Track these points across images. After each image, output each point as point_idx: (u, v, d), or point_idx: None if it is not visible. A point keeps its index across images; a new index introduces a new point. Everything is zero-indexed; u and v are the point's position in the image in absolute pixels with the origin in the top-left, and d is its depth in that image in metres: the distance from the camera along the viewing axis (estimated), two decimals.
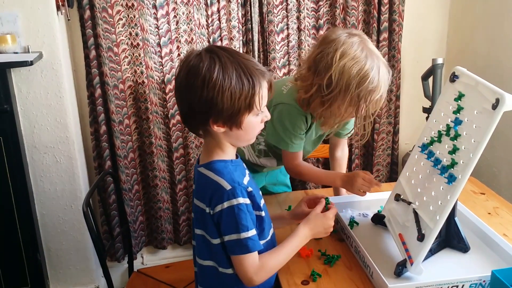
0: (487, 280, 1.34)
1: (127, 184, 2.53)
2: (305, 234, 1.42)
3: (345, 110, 1.59)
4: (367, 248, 1.46)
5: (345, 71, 1.52)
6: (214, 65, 1.23)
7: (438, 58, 2.30)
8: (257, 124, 1.33)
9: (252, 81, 1.24)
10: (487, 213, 1.79)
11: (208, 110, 1.24)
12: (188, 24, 2.41)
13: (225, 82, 1.22)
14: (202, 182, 1.34)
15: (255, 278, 1.31)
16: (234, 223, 1.26)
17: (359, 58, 1.52)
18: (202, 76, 1.22)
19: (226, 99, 1.22)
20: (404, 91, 2.76)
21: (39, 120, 2.30)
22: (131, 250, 2.19)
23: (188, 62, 1.27)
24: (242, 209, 1.26)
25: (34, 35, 2.19)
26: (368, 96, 1.55)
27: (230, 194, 1.26)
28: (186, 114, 1.31)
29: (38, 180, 2.38)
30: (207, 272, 1.39)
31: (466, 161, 1.32)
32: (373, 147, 2.73)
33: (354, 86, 1.52)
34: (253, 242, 1.28)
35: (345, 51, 1.52)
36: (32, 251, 2.36)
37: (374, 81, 1.54)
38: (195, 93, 1.24)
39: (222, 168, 1.31)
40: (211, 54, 1.25)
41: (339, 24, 2.52)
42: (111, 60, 2.37)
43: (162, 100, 2.48)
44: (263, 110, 1.32)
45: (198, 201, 1.34)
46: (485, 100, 1.32)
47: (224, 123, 1.27)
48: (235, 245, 1.28)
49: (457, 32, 2.70)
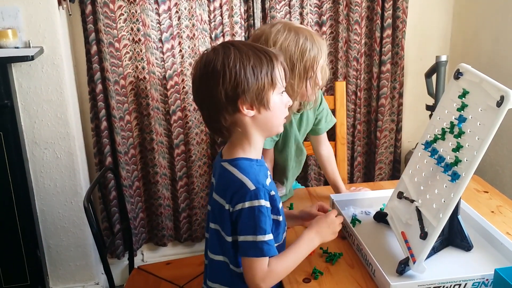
0: (490, 278, 1.32)
1: (128, 180, 2.52)
2: (311, 237, 1.40)
3: (297, 86, 1.62)
4: (369, 246, 1.45)
5: (284, 52, 1.57)
6: (229, 50, 1.25)
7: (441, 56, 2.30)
8: (282, 106, 1.33)
9: (269, 56, 1.27)
10: (490, 211, 1.78)
11: (235, 91, 1.24)
12: (190, 19, 2.39)
13: (244, 60, 1.24)
14: (224, 177, 1.32)
15: (262, 284, 1.29)
16: (253, 225, 1.25)
17: (291, 37, 1.59)
18: (221, 62, 1.24)
19: (249, 74, 1.24)
20: (407, 89, 2.75)
21: (39, 116, 2.29)
22: (132, 247, 2.18)
23: (202, 60, 1.28)
24: (263, 211, 1.25)
25: (35, 30, 2.18)
26: (314, 63, 1.61)
27: (253, 195, 1.25)
28: (213, 109, 1.29)
29: (38, 176, 2.37)
30: (218, 267, 1.38)
31: (470, 159, 1.31)
32: (375, 145, 2.72)
33: (298, 60, 1.59)
34: (269, 247, 1.26)
35: (275, 37, 1.59)
36: (32, 247, 2.35)
37: (314, 48, 1.60)
38: (218, 80, 1.24)
39: (248, 167, 1.29)
40: (224, 44, 1.29)
41: (342, 21, 2.51)
42: (112, 55, 2.35)
43: (163, 96, 2.47)
44: (284, 91, 1.34)
45: (217, 196, 1.33)
46: (489, 97, 1.30)
47: (252, 104, 1.27)
48: (250, 247, 1.26)
49: (461, 29, 2.69)
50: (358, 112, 2.68)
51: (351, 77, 2.61)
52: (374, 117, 2.69)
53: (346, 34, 2.55)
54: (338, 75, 2.60)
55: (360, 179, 2.81)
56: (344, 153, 2.22)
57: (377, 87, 2.64)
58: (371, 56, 2.61)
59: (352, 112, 2.68)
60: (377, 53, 2.58)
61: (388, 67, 2.60)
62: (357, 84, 2.64)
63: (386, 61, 2.59)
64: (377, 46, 2.57)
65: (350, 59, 2.58)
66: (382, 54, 2.58)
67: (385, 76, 2.61)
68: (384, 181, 2.46)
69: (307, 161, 2.68)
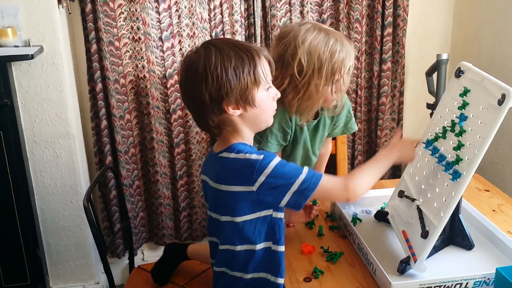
0: (491, 277, 1.32)
1: (128, 179, 2.52)
2: (388, 152, 1.42)
3: (322, 87, 1.60)
4: (370, 245, 1.44)
5: (313, 51, 1.56)
6: (210, 52, 1.26)
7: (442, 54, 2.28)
8: (268, 101, 1.33)
9: (250, 54, 1.27)
10: (492, 210, 1.77)
11: (218, 93, 1.25)
12: (190, 18, 2.39)
13: (226, 61, 1.24)
14: (228, 165, 1.31)
15: (349, 186, 1.29)
16: (283, 181, 1.25)
17: (320, 37, 1.58)
18: (203, 65, 1.25)
19: (231, 76, 1.24)
20: (408, 87, 2.74)
21: (39, 115, 2.28)
22: (132, 246, 2.18)
23: (185, 62, 1.30)
24: (278, 167, 1.25)
25: (35, 28, 2.17)
26: (342, 66, 1.59)
27: (264, 163, 1.25)
28: (199, 109, 1.30)
29: (38, 175, 2.37)
30: (241, 256, 1.37)
31: (471, 157, 1.30)
32: (376, 144, 2.71)
33: (327, 61, 1.57)
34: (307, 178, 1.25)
35: (305, 35, 1.58)
36: (32, 247, 2.35)
37: (343, 50, 1.58)
38: (201, 82, 1.25)
39: (245, 147, 1.31)
40: (205, 45, 1.29)
41: (343, 19, 2.51)
42: (112, 54, 2.35)
43: (163, 95, 2.46)
44: (271, 85, 1.33)
45: (226, 185, 1.31)
46: (491, 95, 1.30)
47: (237, 104, 1.27)
48: (301, 192, 1.25)
49: (462, 28, 2.68)
50: (358, 110, 2.68)
51: (352, 76, 2.60)
52: (375, 116, 2.69)
53: (346, 32, 2.54)
54: None
55: None
56: (345, 151, 2.21)
57: (377, 86, 2.63)
58: (371, 54, 2.60)
59: (352, 110, 2.67)
60: (377, 51, 2.57)
61: (388, 66, 2.59)
62: (358, 83, 2.63)
63: (387, 60, 2.58)
64: (377, 45, 2.56)
65: None
66: (383, 52, 2.57)
67: (386, 74, 2.60)
68: (384, 180, 2.45)
69: None
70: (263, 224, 1.33)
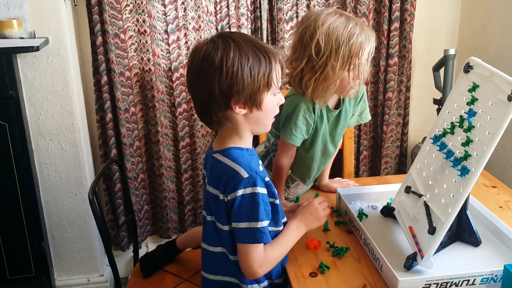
0: (499, 274, 1.31)
1: (133, 172, 2.51)
2: (296, 226, 1.42)
3: (339, 70, 1.58)
4: (377, 241, 1.43)
5: (332, 32, 1.55)
6: (229, 46, 1.23)
7: (450, 49, 2.28)
8: (274, 106, 1.33)
9: (268, 57, 1.26)
10: (499, 206, 1.76)
11: (229, 90, 1.24)
12: (196, 11, 2.38)
13: (243, 60, 1.23)
14: (217, 168, 1.33)
15: (259, 270, 1.31)
16: (248, 212, 1.26)
17: (341, 20, 1.58)
18: (220, 58, 1.22)
19: (246, 75, 1.23)
20: (415, 82, 2.72)
21: (44, 107, 2.28)
22: (136, 239, 2.18)
23: (200, 51, 1.27)
24: (257, 199, 1.26)
25: (40, 20, 2.16)
26: (360, 50, 1.57)
27: (247, 183, 1.25)
28: (205, 102, 1.29)
29: (43, 167, 2.37)
30: (216, 258, 1.39)
31: (480, 153, 1.29)
32: (382, 139, 2.70)
33: (344, 43, 1.55)
34: (263, 234, 1.28)
35: (325, 18, 1.57)
36: (37, 239, 2.35)
37: (362, 34, 1.57)
38: (214, 76, 1.23)
39: (239, 156, 1.30)
40: (224, 37, 1.26)
41: (350, 13, 2.48)
42: (118, 47, 2.34)
43: (168, 88, 2.45)
44: (279, 90, 1.33)
45: (211, 187, 1.34)
46: (500, 91, 1.28)
47: (245, 103, 1.27)
48: (245, 234, 1.27)
49: (469, 22, 2.66)
50: None
51: None
52: (381, 111, 2.67)
53: None
54: None
55: (366, 173, 2.80)
56: (351, 147, 2.20)
57: (384, 81, 2.62)
58: (378, 49, 2.59)
59: None
60: (384, 46, 2.55)
61: (395, 60, 2.58)
62: None
63: (394, 54, 2.56)
64: (384, 39, 2.54)
65: None
66: (390, 47, 2.55)
67: (393, 69, 2.58)
68: (390, 175, 2.45)
69: None
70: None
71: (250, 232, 1.27)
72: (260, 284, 1.40)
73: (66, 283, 2.56)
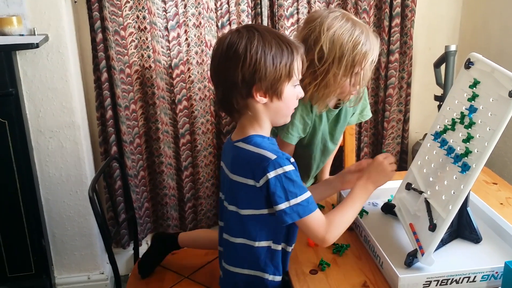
0: (499, 271, 1.31)
1: (133, 170, 2.51)
2: (363, 185, 1.42)
3: (340, 78, 1.57)
4: (377, 238, 1.43)
5: (336, 39, 1.54)
6: (253, 35, 1.28)
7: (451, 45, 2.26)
8: (293, 98, 1.36)
9: (290, 48, 1.30)
10: (500, 203, 1.76)
11: (252, 77, 1.27)
12: (196, 7, 2.37)
13: (266, 48, 1.27)
14: (241, 156, 1.34)
15: (327, 236, 1.32)
16: (283, 192, 1.26)
17: (347, 26, 1.55)
18: (244, 46, 1.27)
19: (269, 63, 1.27)
20: (416, 79, 2.71)
21: (44, 104, 2.27)
22: (137, 236, 2.17)
23: (225, 39, 1.31)
24: (289, 176, 1.27)
25: (40, 17, 2.16)
26: (363, 59, 1.56)
27: (276, 164, 1.26)
28: (228, 89, 1.31)
29: (43, 165, 2.36)
30: (238, 250, 1.39)
31: (481, 150, 1.29)
32: (382, 136, 2.70)
33: (348, 52, 1.54)
34: (304, 207, 1.28)
35: (331, 23, 1.55)
36: (37, 237, 2.35)
37: (367, 43, 1.56)
38: (238, 63, 1.27)
39: (262, 142, 1.33)
40: (249, 28, 1.31)
41: (350, 9, 2.48)
42: (118, 43, 2.33)
43: (169, 85, 2.45)
44: (298, 83, 1.35)
45: (236, 175, 1.34)
46: (501, 87, 1.28)
47: (266, 92, 1.30)
48: (293, 212, 1.27)
49: (470, 19, 2.65)
50: None
51: None
52: (382, 107, 2.67)
53: None
54: None
55: None
56: (353, 143, 2.20)
57: (384, 77, 2.61)
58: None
59: None
60: (385, 42, 2.55)
61: (396, 57, 2.57)
62: None
63: (394, 51, 2.55)
64: (385, 35, 2.53)
65: None
66: (390, 43, 2.55)
67: (393, 65, 2.58)
68: None
69: None
70: (265, 222, 1.34)
71: (292, 210, 1.27)
72: (280, 276, 1.40)
73: (66, 281, 2.56)
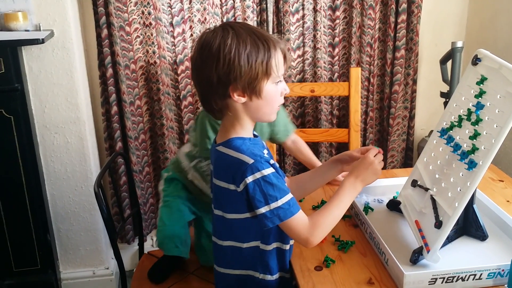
0: (506, 269, 1.30)
1: (138, 165, 2.51)
2: (351, 183, 1.38)
3: None
4: (382, 235, 1.43)
5: None
6: (227, 34, 1.24)
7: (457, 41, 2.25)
8: (276, 95, 1.32)
9: (267, 45, 1.25)
10: (506, 200, 1.74)
11: (227, 77, 1.24)
12: (201, 3, 2.36)
13: (241, 46, 1.23)
14: (221, 160, 1.33)
15: (312, 238, 1.29)
16: (263, 196, 1.25)
17: None
18: (217, 45, 1.23)
19: (243, 62, 1.23)
20: (422, 75, 2.70)
21: (50, 100, 2.28)
22: (142, 232, 2.18)
23: (201, 40, 1.28)
24: (267, 180, 1.25)
25: (45, 12, 2.16)
26: None
27: (254, 168, 1.25)
28: (205, 89, 1.30)
29: (48, 160, 2.37)
30: (227, 253, 1.39)
31: (488, 147, 1.28)
32: (388, 132, 2.69)
33: None
34: (285, 210, 1.26)
35: None
36: (42, 232, 2.36)
37: None
38: (212, 62, 1.24)
39: (241, 145, 1.30)
40: (224, 26, 1.27)
41: (356, 5, 2.47)
42: (123, 39, 2.33)
43: (174, 81, 2.45)
44: (282, 79, 1.31)
45: (218, 180, 1.33)
46: (509, 83, 1.27)
47: (244, 91, 1.26)
48: (273, 215, 1.26)
49: (477, 15, 2.63)
50: (370, 98, 2.65)
51: (364, 63, 2.57)
52: (387, 104, 2.66)
53: (360, 19, 2.51)
54: (351, 61, 2.56)
55: None
56: (358, 140, 2.19)
57: (390, 74, 2.60)
58: (385, 41, 2.57)
59: (364, 98, 2.64)
60: (391, 38, 2.53)
61: (402, 53, 2.55)
62: (370, 70, 2.60)
63: (401, 47, 2.54)
64: (391, 32, 2.52)
65: (363, 45, 2.54)
66: (397, 39, 2.53)
67: (399, 62, 2.56)
68: (397, 169, 2.44)
69: None
70: (250, 225, 1.34)
71: (273, 213, 1.26)
72: (273, 275, 1.39)
73: (71, 276, 2.57)
